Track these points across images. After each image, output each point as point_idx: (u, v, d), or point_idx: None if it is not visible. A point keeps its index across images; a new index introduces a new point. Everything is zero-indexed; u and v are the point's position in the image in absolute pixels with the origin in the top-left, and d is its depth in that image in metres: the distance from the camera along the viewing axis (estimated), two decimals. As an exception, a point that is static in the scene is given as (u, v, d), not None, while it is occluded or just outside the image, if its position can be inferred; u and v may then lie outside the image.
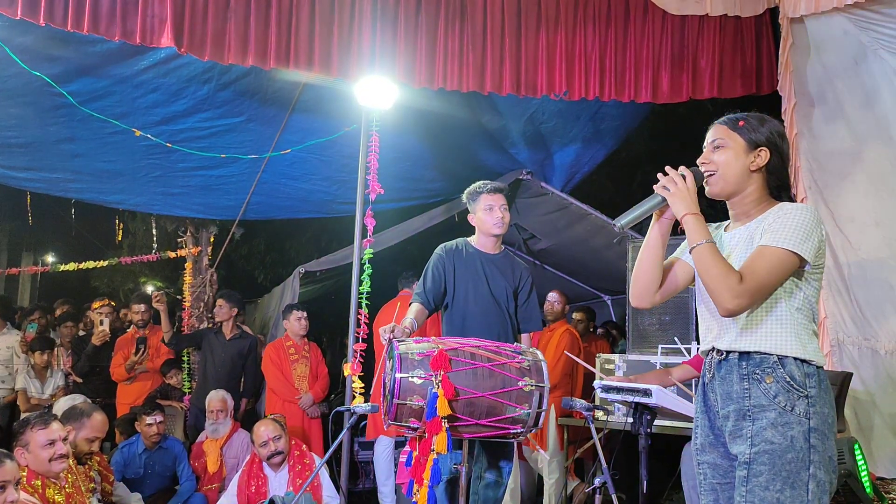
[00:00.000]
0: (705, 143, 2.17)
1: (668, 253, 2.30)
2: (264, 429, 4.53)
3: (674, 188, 2.09)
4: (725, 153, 2.11)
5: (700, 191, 2.13)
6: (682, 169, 2.12)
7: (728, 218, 2.24)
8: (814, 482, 1.92)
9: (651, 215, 2.19)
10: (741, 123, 2.12)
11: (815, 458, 1.93)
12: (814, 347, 2.01)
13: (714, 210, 2.15)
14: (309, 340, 5.93)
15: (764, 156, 2.09)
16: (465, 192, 3.76)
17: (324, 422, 5.71)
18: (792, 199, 2.14)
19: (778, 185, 2.12)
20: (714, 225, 2.24)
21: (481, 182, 3.73)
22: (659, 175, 2.14)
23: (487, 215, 3.64)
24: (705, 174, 2.13)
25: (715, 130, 2.15)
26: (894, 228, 4.35)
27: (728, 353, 2.05)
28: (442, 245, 3.74)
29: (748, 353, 2.01)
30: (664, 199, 2.11)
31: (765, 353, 1.99)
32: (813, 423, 1.94)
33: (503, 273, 3.67)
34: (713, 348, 2.11)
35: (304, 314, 5.77)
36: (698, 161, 2.16)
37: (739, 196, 2.12)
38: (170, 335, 6.16)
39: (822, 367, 2.01)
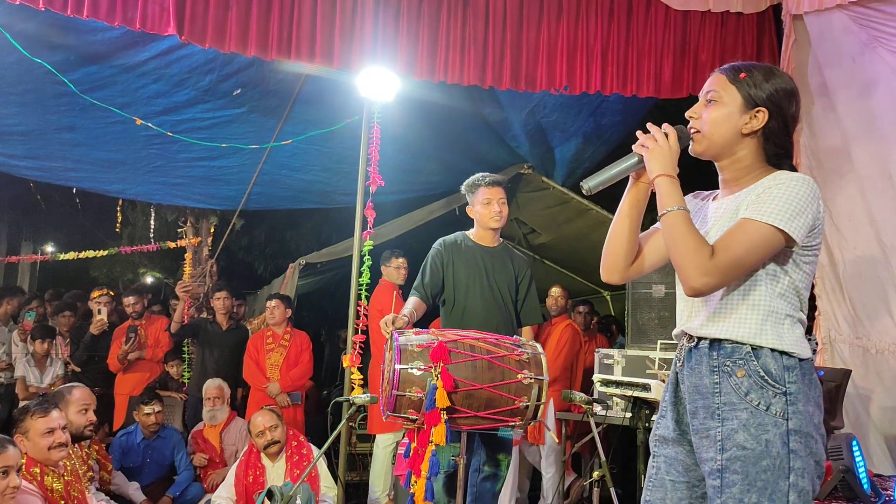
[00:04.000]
0: (700, 93, 1.88)
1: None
2: (261, 419, 4.53)
3: (653, 145, 1.80)
4: (717, 110, 1.80)
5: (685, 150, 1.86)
6: (665, 126, 1.83)
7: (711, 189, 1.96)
8: (795, 493, 1.64)
9: (627, 179, 1.91)
10: (742, 76, 1.79)
11: (795, 464, 1.65)
12: (794, 338, 1.72)
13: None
14: (297, 329, 5.91)
15: (761, 117, 1.77)
16: (464, 184, 3.71)
17: (321, 413, 5.71)
18: (794, 170, 1.82)
19: (777, 153, 1.81)
20: (703, 194, 1.97)
21: (480, 174, 3.68)
22: (638, 133, 1.85)
23: (485, 209, 3.60)
24: (691, 132, 1.84)
25: (712, 80, 1.85)
26: (887, 227, 4.34)
27: (699, 339, 1.79)
28: (440, 239, 3.71)
29: (719, 340, 1.75)
30: (641, 160, 1.83)
31: (737, 343, 1.72)
32: (792, 424, 1.66)
33: (503, 266, 3.65)
34: (683, 333, 1.85)
35: (276, 302, 5.74)
36: (687, 114, 1.87)
37: (728, 160, 1.83)
38: (177, 327, 6.13)
39: (806, 360, 1.72)
